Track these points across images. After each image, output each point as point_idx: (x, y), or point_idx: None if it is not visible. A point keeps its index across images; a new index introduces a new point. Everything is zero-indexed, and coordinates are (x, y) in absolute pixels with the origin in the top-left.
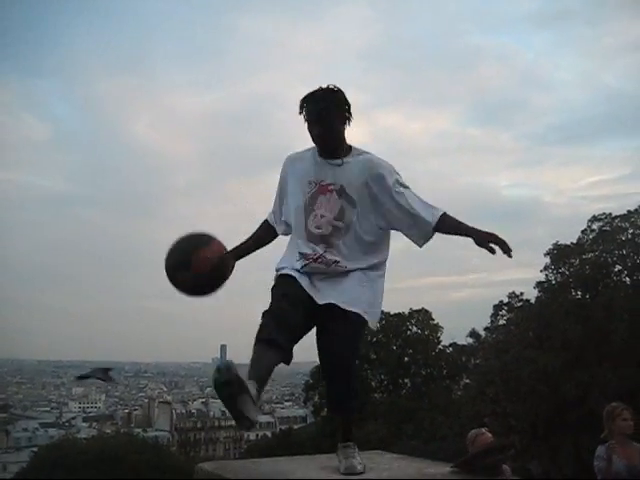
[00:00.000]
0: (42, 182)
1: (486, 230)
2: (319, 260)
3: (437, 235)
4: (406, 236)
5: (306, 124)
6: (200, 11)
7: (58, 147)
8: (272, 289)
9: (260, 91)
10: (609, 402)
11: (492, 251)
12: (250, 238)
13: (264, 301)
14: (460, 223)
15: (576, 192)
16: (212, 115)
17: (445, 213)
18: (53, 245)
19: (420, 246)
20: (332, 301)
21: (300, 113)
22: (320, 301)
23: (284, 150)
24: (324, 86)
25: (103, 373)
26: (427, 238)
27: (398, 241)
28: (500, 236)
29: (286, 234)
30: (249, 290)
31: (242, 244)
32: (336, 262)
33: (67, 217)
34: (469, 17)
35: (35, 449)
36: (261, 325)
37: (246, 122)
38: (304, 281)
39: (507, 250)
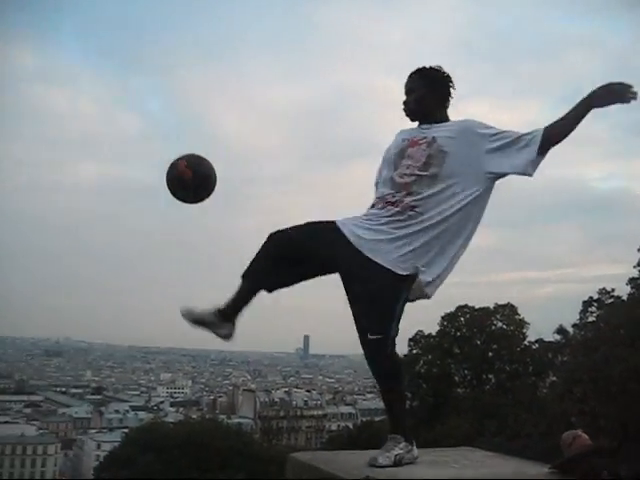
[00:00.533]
0: (134, 174)
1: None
2: (397, 204)
3: (523, 229)
4: (515, 170)
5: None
6: (287, 3)
7: (149, 140)
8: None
9: (347, 82)
10: None
11: (624, 99)
12: None
13: (341, 292)
14: (565, 116)
15: None
16: (299, 106)
17: (546, 127)
18: (141, 234)
19: (531, 173)
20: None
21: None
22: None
23: (370, 141)
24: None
25: None
26: (539, 152)
27: (488, 236)
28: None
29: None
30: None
31: None
32: (412, 207)
33: (155, 207)
34: (557, 4)
35: (126, 430)
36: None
37: (333, 113)
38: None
39: (629, 92)
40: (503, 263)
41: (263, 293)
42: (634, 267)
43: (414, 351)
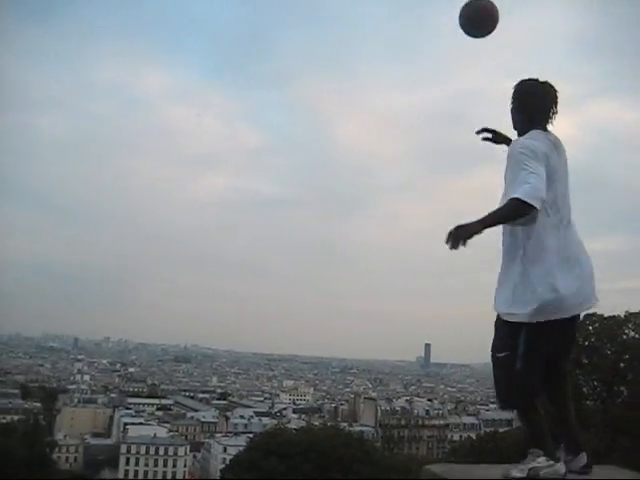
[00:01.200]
0: (257, 186)
1: None
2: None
3: None
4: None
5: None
6: (400, 10)
7: (271, 153)
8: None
9: (467, 86)
10: None
11: None
12: None
13: (466, 301)
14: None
15: None
16: (419, 113)
17: (517, 198)
18: (269, 244)
19: None
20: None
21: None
22: None
23: (490, 147)
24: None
25: None
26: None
27: (618, 241)
28: None
29: None
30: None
31: None
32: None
33: (279, 218)
34: None
35: (251, 435)
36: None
37: (453, 118)
38: None
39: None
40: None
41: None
42: None
43: None
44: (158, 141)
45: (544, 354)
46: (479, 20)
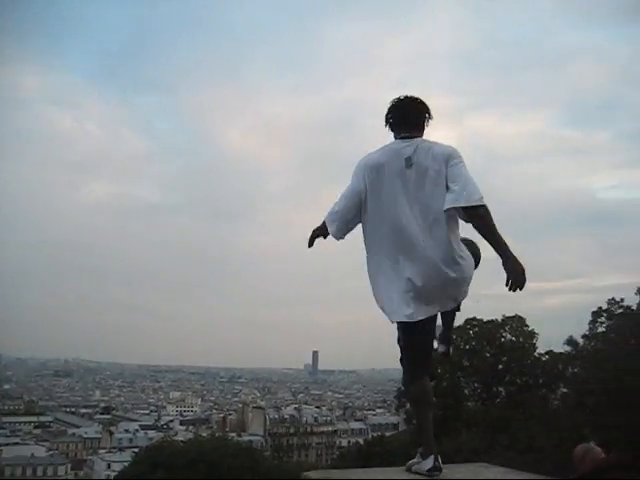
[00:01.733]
0: (141, 193)
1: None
2: None
3: (530, 240)
4: None
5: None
6: (290, 21)
7: (156, 159)
8: None
9: (352, 97)
10: None
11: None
12: None
13: (352, 307)
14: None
15: None
16: (305, 122)
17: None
18: (150, 253)
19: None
20: None
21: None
22: None
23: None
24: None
25: None
26: None
27: (491, 249)
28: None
29: None
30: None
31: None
32: None
33: (164, 226)
34: (561, 15)
35: (136, 449)
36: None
37: (338, 128)
38: None
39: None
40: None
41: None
42: None
43: None
44: (36, 145)
45: None
46: None
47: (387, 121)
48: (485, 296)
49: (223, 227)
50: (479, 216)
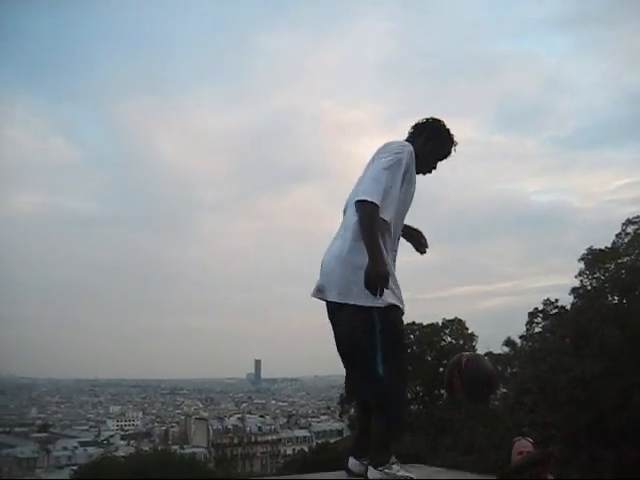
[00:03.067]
0: (73, 204)
1: None
2: (395, 255)
3: (465, 245)
4: None
5: (438, 149)
6: (221, 31)
7: (87, 169)
8: (395, 328)
9: (284, 107)
10: None
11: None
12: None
13: (293, 314)
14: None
15: (606, 196)
16: (238, 132)
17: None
18: (86, 264)
19: None
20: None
21: (449, 149)
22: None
23: (309, 164)
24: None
25: None
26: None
27: (432, 252)
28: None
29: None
30: (279, 305)
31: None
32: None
33: (98, 237)
34: (489, 24)
35: (75, 467)
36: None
37: (271, 138)
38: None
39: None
40: (449, 278)
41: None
42: (575, 277)
43: None
44: None
45: None
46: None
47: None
48: (424, 300)
49: (159, 238)
50: (357, 213)
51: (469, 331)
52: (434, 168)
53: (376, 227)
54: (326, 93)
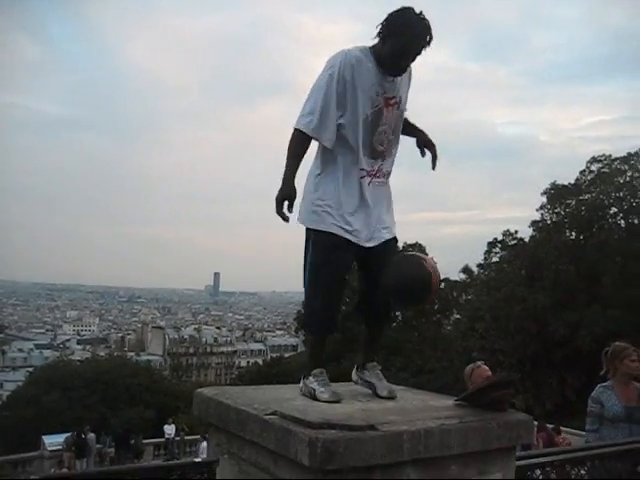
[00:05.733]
0: (36, 105)
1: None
2: (378, 174)
3: (429, 171)
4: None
5: (398, 45)
6: None
7: (52, 69)
8: (323, 254)
9: (260, 15)
10: (595, 343)
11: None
12: (298, 161)
13: (256, 230)
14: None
15: (574, 132)
16: (211, 39)
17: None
18: (48, 168)
19: None
20: (388, 236)
21: (404, 41)
22: (378, 240)
23: (281, 78)
24: (424, 16)
25: None
26: None
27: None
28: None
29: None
30: (241, 219)
31: (295, 170)
32: (389, 173)
33: (62, 141)
34: None
35: (31, 369)
36: (320, 311)
37: (246, 48)
38: (358, 223)
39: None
40: (408, 204)
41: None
42: (537, 210)
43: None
44: None
45: None
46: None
47: None
48: None
49: (125, 145)
50: None
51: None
52: (403, 66)
53: (291, 154)
54: (304, 6)
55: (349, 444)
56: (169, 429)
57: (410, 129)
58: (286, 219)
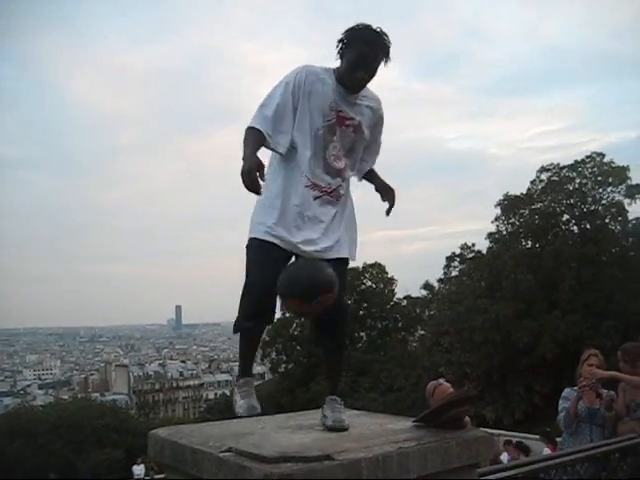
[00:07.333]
0: None
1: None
2: (332, 194)
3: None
4: (358, 175)
5: (352, 56)
6: None
7: None
8: (255, 255)
9: (202, 45)
10: (558, 348)
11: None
12: (256, 144)
13: (214, 259)
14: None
15: (522, 143)
16: (154, 71)
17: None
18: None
19: (360, 180)
20: (343, 255)
21: (355, 52)
22: (332, 255)
23: (229, 106)
24: (381, 29)
25: None
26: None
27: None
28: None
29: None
30: (197, 249)
31: (254, 149)
32: (343, 196)
33: (8, 181)
34: None
35: None
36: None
37: (192, 78)
38: (297, 237)
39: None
40: (367, 223)
41: None
42: (492, 222)
43: (287, 314)
44: None
45: None
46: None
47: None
48: None
49: (74, 181)
50: None
51: (389, 275)
52: (361, 80)
53: (247, 143)
54: (246, 32)
55: (305, 477)
56: (138, 469)
57: (370, 175)
58: (258, 188)
